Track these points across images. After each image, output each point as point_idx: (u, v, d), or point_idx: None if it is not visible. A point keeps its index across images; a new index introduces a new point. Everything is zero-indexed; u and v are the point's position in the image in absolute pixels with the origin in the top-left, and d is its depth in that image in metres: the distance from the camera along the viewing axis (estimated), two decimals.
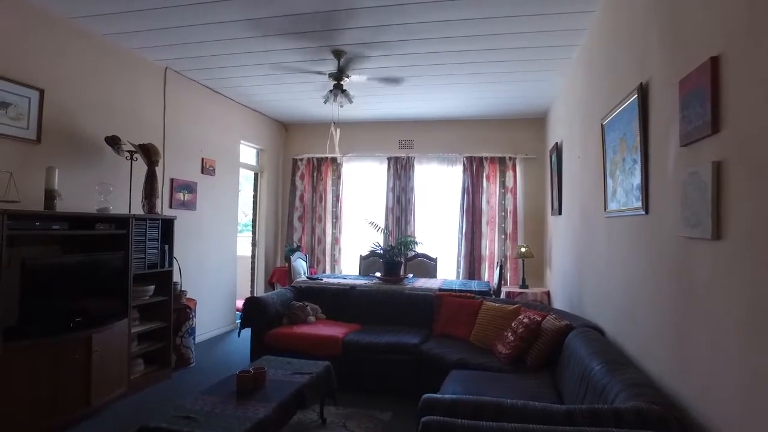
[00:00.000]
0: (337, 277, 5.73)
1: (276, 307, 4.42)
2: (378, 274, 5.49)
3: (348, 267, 7.09)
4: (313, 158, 7.27)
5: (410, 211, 6.89)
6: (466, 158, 6.71)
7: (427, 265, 6.28)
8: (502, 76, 4.89)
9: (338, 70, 4.48)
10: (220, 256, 5.83)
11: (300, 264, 6.16)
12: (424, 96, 5.69)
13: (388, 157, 7.00)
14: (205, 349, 5.14)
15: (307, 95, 5.63)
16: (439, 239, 6.78)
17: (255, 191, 7.09)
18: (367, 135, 7.08)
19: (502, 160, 6.65)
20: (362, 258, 6.43)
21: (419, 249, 6.05)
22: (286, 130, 7.50)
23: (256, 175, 7.07)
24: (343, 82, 4.57)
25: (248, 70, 4.87)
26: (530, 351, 3.32)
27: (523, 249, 5.98)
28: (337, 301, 4.78)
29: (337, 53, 4.25)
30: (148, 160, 4.06)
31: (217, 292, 5.77)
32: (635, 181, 2.44)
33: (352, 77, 4.67)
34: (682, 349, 1.86)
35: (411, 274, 5.88)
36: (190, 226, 5.18)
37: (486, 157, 6.69)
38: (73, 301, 3.32)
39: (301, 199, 7.29)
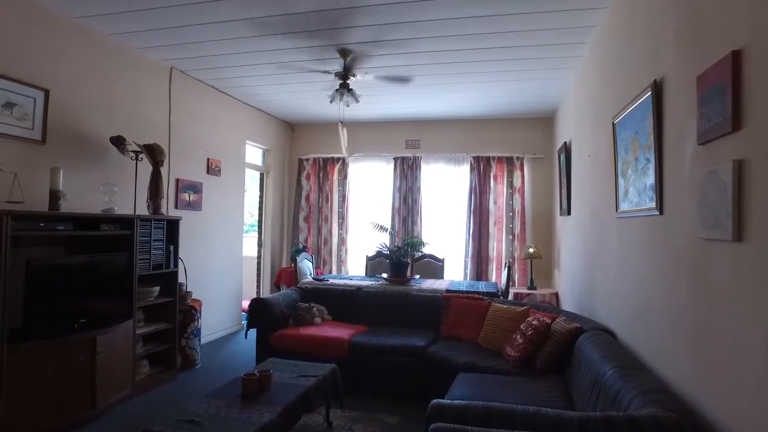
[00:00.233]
0: (344, 278, 5.69)
1: (282, 309, 4.39)
2: (385, 275, 5.45)
3: (354, 268, 7.05)
4: (319, 158, 7.23)
5: (417, 212, 6.84)
6: (474, 158, 6.65)
7: (434, 266, 6.22)
8: (511, 75, 4.83)
9: (344, 69, 4.44)
10: (226, 257, 5.81)
11: (306, 265, 6.13)
12: (432, 95, 5.63)
13: (394, 157, 6.95)
14: (211, 350, 5.12)
15: (313, 95, 5.59)
16: (446, 240, 6.72)
17: (261, 191, 7.07)
18: (374, 135, 7.03)
19: (509, 160, 6.59)
20: (369, 259, 6.38)
21: (426, 250, 6.00)
22: (292, 130, 7.47)
23: (262, 176, 7.04)
24: (349, 81, 4.52)
25: (253, 70, 4.84)
26: (539, 354, 3.27)
27: (532, 250, 5.91)
28: (344, 303, 4.74)
29: (344, 52, 4.21)
30: (153, 160, 4.04)
31: (222, 292, 5.74)
32: (648, 181, 2.38)
33: (359, 76, 4.63)
34: (700, 354, 1.80)
35: (418, 275, 5.83)
36: (196, 227, 5.16)
37: (493, 157, 6.62)
38: (78, 302, 3.30)
39: (307, 199, 7.25)
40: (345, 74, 4.47)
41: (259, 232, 7.07)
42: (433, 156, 6.89)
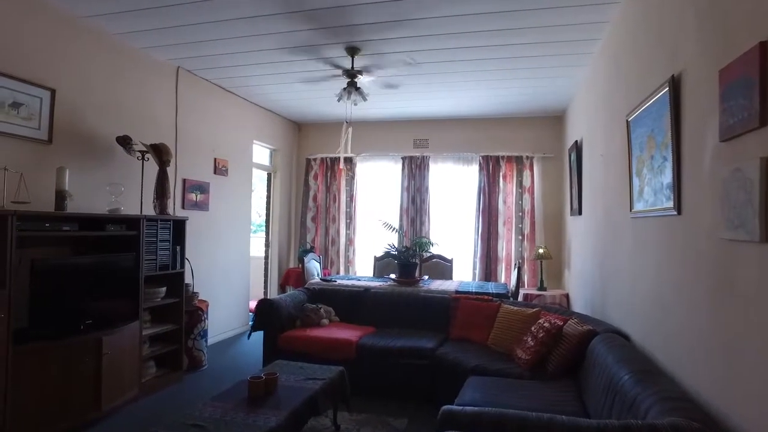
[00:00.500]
0: (351, 279, 5.64)
1: (289, 310, 4.35)
2: (393, 275, 5.39)
3: (362, 268, 6.99)
4: (326, 158, 7.18)
5: (425, 212, 6.77)
6: (483, 157, 6.57)
7: (442, 267, 6.16)
8: (521, 73, 4.75)
9: (352, 67, 4.39)
10: (233, 257, 5.78)
11: (313, 265, 6.08)
12: (440, 94, 5.56)
13: (402, 157, 6.88)
14: (218, 351, 5.09)
15: (321, 93, 5.54)
16: (455, 240, 6.64)
17: (268, 191, 7.03)
18: (381, 134, 6.98)
19: (519, 159, 6.50)
20: (377, 259, 6.33)
21: (434, 250, 5.93)
22: (300, 130, 7.43)
23: (270, 176, 7.01)
24: (357, 80, 4.47)
25: (260, 69, 4.80)
26: (551, 357, 3.19)
27: (541, 250, 5.83)
28: (351, 304, 4.69)
29: (351, 50, 4.16)
30: (160, 160, 4.01)
31: (229, 293, 5.71)
32: (665, 180, 2.30)
33: (367, 75, 4.57)
34: (725, 361, 1.71)
35: (426, 276, 5.77)
36: (203, 227, 5.13)
37: (503, 157, 6.54)
38: (84, 302, 3.28)
39: (315, 199, 7.21)
40: (353, 72, 4.42)
41: (267, 232, 7.03)
42: (442, 155, 6.82)
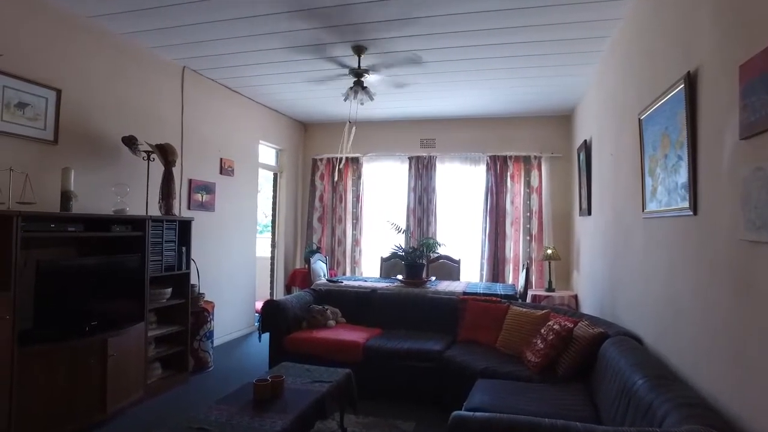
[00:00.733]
0: (358, 280, 5.60)
1: (295, 311, 4.31)
2: (400, 276, 5.35)
3: (369, 269, 6.95)
4: (333, 158, 7.15)
5: (432, 212, 6.72)
6: (490, 157, 6.51)
7: (449, 267, 6.10)
8: (529, 71, 4.69)
9: (359, 66, 4.35)
10: (239, 258, 5.76)
11: (320, 266, 6.05)
12: (447, 93, 5.51)
13: (409, 157, 6.84)
14: (224, 352, 5.06)
15: (327, 93, 5.51)
16: (462, 241, 6.58)
17: (274, 192, 7.01)
18: (388, 134, 6.93)
19: (527, 159, 6.44)
20: (383, 260, 6.28)
21: (441, 251, 5.88)
22: (306, 130, 7.40)
23: (276, 176, 6.99)
24: (363, 79, 4.43)
25: (266, 68, 4.77)
26: (561, 359, 3.13)
27: (550, 251, 5.76)
28: (358, 305, 4.64)
29: (358, 49, 4.12)
30: (165, 160, 4.00)
31: (235, 294, 5.69)
32: (680, 179, 2.25)
33: (373, 74, 4.53)
34: (745, 367, 1.65)
35: (434, 277, 5.71)
36: (209, 228, 5.11)
37: (510, 156, 6.48)
38: (89, 304, 3.26)
39: (321, 199, 7.18)
40: (359, 71, 4.38)
41: (273, 233, 7.01)
42: (449, 155, 6.77)
